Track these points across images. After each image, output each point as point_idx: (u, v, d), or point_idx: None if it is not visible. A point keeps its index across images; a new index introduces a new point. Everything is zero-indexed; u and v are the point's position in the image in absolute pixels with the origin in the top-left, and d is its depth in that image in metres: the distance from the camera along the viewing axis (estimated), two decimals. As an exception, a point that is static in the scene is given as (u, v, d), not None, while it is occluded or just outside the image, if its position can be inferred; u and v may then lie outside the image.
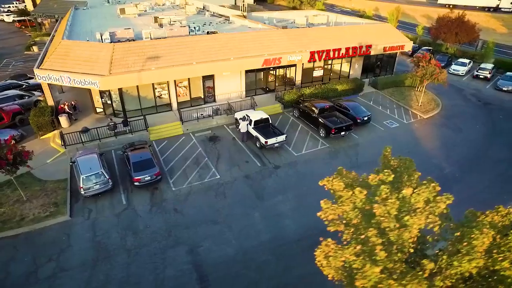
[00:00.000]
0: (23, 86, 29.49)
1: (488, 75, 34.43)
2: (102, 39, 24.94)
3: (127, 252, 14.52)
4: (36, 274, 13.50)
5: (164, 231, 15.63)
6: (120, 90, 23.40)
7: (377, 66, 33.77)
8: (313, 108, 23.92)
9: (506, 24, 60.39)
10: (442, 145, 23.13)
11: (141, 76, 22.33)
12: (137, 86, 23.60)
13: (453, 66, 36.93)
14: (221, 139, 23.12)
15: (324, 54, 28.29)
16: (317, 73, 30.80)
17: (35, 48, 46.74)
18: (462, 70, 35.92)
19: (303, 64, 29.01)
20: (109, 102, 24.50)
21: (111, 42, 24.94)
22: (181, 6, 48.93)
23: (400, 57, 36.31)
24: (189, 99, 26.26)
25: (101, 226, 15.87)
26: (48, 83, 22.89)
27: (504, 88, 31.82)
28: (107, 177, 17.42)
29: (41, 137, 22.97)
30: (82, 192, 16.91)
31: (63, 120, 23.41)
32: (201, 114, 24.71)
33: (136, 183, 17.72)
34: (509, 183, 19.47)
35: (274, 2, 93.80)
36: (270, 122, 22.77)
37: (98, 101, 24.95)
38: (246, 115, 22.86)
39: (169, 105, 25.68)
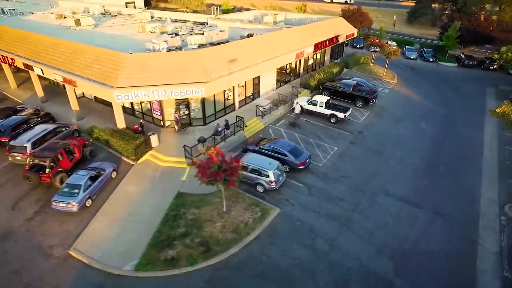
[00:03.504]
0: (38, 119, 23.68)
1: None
2: (160, 49, 23.53)
3: (353, 212, 17.81)
4: (316, 247, 15.41)
5: (356, 190, 19.42)
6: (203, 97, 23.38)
7: (336, 51, 42.79)
8: (347, 87, 30.43)
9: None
10: (422, 96, 34.05)
11: (232, 78, 23.31)
12: (214, 91, 24.11)
13: (372, 46, 50.21)
14: (299, 123, 26.73)
15: (320, 45, 34.80)
16: (310, 62, 37.13)
17: None
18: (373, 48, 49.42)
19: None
20: (186, 112, 23.88)
21: (168, 51, 24.02)
22: (113, 15, 44.94)
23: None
24: (244, 97, 28.03)
25: (311, 205, 18.13)
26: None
27: (411, 57, 46.79)
28: (283, 168, 19.20)
29: (138, 162, 20.77)
30: (273, 186, 18.27)
31: (154, 138, 21.75)
32: (264, 108, 27.23)
33: (300, 167, 20.17)
34: (467, 95, 33.02)
35: (158, 6, 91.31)
36: (331, 102, 27.99)
37: (170, 114, 23.79)
38: (314, 100, 27.29)
39: (232, 105, 26.86)
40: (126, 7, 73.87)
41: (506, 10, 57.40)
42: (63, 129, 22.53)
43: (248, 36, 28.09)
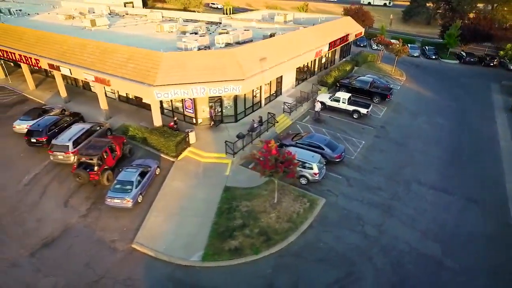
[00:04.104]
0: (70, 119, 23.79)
1: (398, 47, 50.84)
2: (192, 48, 24.00)
3: (392, 200, 18.85)
4: (367, 232, 16.35)
5: (390, 180, 20.48)
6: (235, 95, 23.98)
7: (345, 50, 43.97)
8: (364, 84, 31.55)
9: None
10: (432, 92, 35.59)
11: (264, 76, 24.00)
12: (244, 89, 24.72)
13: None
14: (324, 119, 27.63)
15: (333, 43, 35.84)
16: (323, 60, 38.15)
17: None
18: (381, 46, 50.97)
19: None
20: (219, 109, 24.45)
21: (198, 50, 24.53)
22: (121, 15, 44.91)
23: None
24: (269, 95, 28.76)
25: (353, 195, 19.10)
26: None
27: (414, 54, 48.46)
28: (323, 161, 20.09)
29: (178, 159, 21.23)
30: (317, 178, 19.11)
31: (192, 135, 22.24)
32: (288, 104, 28.02)
33: (337, 160, 21.09)
34: (473, 91, 35.76)
35: (155, 6, 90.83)
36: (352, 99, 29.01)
37: (203, 111, 24.32)
38: (336, 96, 28.28)
39: (258, 103, 27.55)
40: (125, 6, 73.66)
41: (498, 9, 60.17)
42: (98, 128, 22.73)
43: (271, 35, 28.81)
